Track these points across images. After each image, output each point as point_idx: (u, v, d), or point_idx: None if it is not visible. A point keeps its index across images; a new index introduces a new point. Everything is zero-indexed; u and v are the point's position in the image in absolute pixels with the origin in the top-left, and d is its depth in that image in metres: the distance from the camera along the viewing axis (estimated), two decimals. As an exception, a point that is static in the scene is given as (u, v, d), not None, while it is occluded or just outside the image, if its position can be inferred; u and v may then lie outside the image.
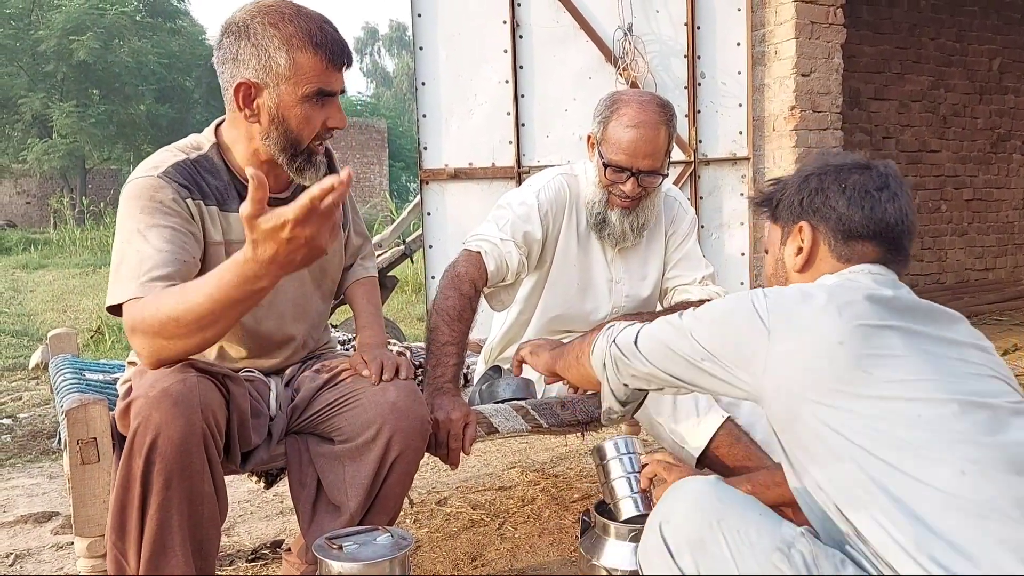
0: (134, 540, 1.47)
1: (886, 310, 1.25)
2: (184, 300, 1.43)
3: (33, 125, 20.41)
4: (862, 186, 1.41)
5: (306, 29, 1.60)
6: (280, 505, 2.83)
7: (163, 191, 1.59)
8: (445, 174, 4.34)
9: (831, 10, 4.62)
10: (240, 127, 1.70)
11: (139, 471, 1.45)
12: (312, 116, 1.66)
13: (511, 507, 2.78)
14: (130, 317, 1.49)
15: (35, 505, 2.92)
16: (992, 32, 7.56)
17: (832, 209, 1.41)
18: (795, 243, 1.46)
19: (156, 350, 1.48)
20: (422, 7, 4.30)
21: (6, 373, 5.35)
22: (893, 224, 1.40)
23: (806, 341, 1.22)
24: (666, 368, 1.41)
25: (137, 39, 20.90)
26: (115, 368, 2.39)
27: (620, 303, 2.32)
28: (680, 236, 2.38)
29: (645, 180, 2.14)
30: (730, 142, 4.74)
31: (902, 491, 1.11)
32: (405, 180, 30.33)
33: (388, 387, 1.74)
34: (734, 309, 1.33)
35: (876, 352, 1.20)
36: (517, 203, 2.21)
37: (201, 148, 1.71)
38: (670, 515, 1.23)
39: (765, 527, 1.17)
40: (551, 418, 2.03)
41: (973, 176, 7.69)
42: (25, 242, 15.67)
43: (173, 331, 1.44)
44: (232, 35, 1.61)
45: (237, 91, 1.61)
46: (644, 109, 2.11)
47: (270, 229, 1.31)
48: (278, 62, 1.59)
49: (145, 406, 1.45)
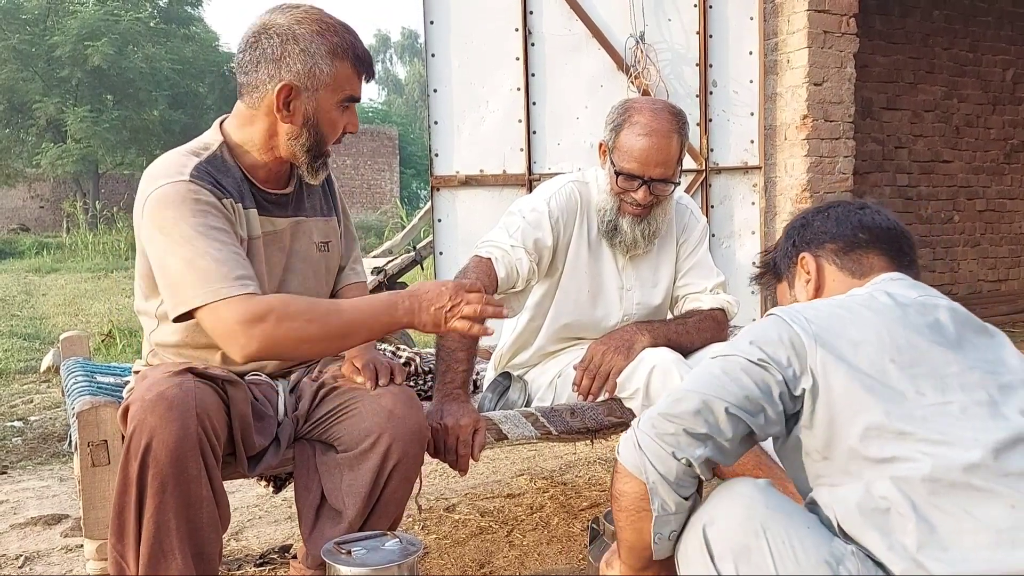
0: (132, 542, 1.49)
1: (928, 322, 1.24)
2: (335, 311, 1.59)
3: (47, 130, 20.53)
4: (843, 209, 1.48)
5: (350, 42, 1.70)
6: (288, 510, 2.83)
7: (201, 192, 1.61)
8: (456, 181, 4.35)
9: (844, 20, 4.61)
10: (261, 124, 1.72)
11: (135, 474, 1.46)
12: (338, 121, 1.74)
13: (520, 514, 2.77)
14: (258, 307, 1.52)
15: (45, 507, 2.92)
16: (1006, 43, 7.53)
17: (823, 232, 1.45)
18: (801, 279, 1.48)
19: (276, 340, 1.53)
20: (434, 14, 4.31)
21: (18, 376, 5.38)
22: (887, 228, 1.41)
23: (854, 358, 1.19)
24: (725, 391, 1.20)
25: (151, 45, 20.99)
26: (126, 371, 2.39)
27: (631, 310, 2.31)
28: (691, 244, 2.37)
29: (657, 188, 2.14)
30: (742, 151, 4.73)
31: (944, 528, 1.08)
32: (416, 187, 30.39)
33: (385, 395, 1.74)
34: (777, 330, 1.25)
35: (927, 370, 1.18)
36: (528, 210, 2.21)
37: (210, 148, 1.72)
38: (715, 517, 1.20)
39: (812, 540, 1.13)
40: (560, 425, 2.02)
41: (986, 187, 7.66)
42: (38, 246, 15.78)
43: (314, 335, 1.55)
44: (277, 38, 1.66)
45: (280, 92, 1.66)
46: (657, 117, 2.11)
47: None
48: (323, 69, 1.67)
49: (141, 410, 1.46)
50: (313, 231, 1.87)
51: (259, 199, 1.76)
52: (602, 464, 3.33)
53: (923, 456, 1.11)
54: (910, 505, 1.10)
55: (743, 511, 1.17)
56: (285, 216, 1.80)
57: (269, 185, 1.79)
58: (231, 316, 1.52)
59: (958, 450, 1.10)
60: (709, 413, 1.19)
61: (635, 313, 2.32)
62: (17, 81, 19.62)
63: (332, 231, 1.94)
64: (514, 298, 2.23)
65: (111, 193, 21.54)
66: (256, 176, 1.76)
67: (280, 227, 1.78)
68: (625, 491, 1.25)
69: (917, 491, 1.10)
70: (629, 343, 2.10)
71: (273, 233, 1.77)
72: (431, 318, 1.61)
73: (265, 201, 1.77)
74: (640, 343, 2.10)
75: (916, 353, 1.19)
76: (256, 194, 1.75)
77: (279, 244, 1.79)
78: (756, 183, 4.76)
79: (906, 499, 1.10)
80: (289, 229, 1.81)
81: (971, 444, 1.11)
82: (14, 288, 10.66)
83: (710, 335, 2.23)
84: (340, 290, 2.06)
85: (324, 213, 1.92)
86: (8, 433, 3.95)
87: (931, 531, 1.08)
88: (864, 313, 1.24)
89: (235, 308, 1.52)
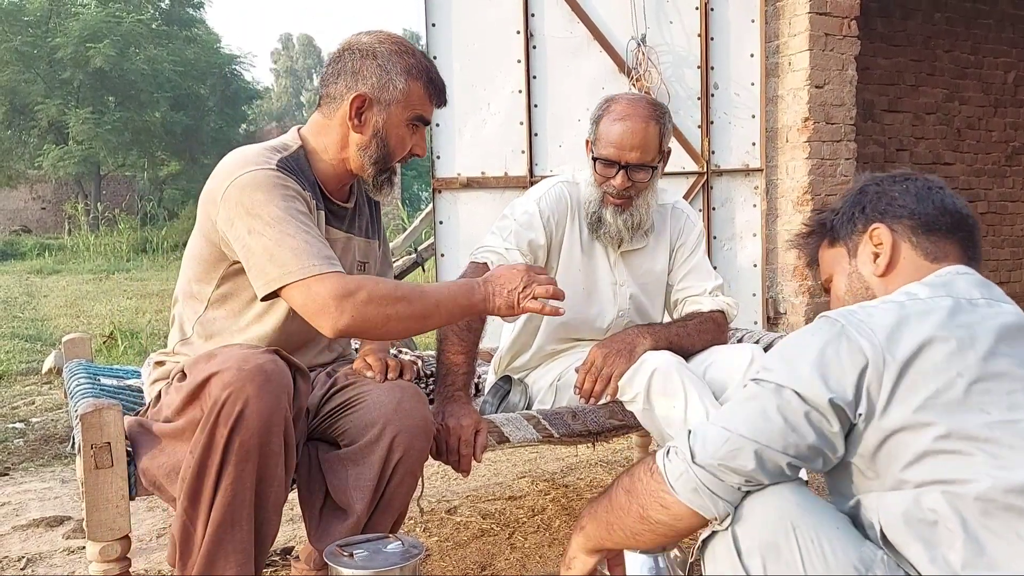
0: (205, 507, 1.52)
1: (997, 332, 1.16)
2: (419, 294, 1.63)
3: (49, 131, 20.55)
4: (921, 185, 1.37)
5: (424, 65, 1.80)
6: (290, 512, 2.83)
7: (288, 181, 1.67)
8: (457, 183, 4.35)
9: (845, 22, 4.61)
10: (334, 135, 1.80)
11: (223, 440, 1.49)
12: (406, 139, 1.82)
13: (521, 517, 2.77)
14: (350, 284, 1.57)
15: (47, 509, 2.93)
16: (1007, 45, 7.53)
17: (902, 206, 1.34)
18: (868, 250, 1.37)
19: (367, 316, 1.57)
20: (436, 17, 4.32)
21: (19, 378, 5.39)
22: (965, 215, 1.33)
23: (918, 376, 1.12)
24: (787, 442, 1.16)
25: (153, 47, 21.02)
26: (129, 374, 2.40)
27: (624, 305, 2.33)
28: (689, 247, 2.38)
29: (634, 174, 2.16)
30: (743, 153, 4.73)
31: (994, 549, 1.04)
32: (417, 189, 30.41)
33: (391, 389, 1.77)
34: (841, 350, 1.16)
35: (993, 386, 1.12)
36: (519, 212, 2.24)
37: (289, 148, 1.78)
38: (744, 514, 1.18)
39: (842, 542, 1.11)
40: (562, 428, 2.02)
41: (987, 189, 7.65)
42: (39, 247, 15.80)
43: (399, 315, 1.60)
44: (357, 53, 1.77)
45: (354, 101, 1.74)
46: (633, 104, 2.17)
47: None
48: (396, 85, 1.76)
49: (238, 377, 1.50)
50: (356, 249, 1.93)
51: (325, 207, 1.82)
52: (604, 467, 3.33)
53: (980, 476, 1.07)
54: (960, 521, 1.06)
55: (774, 509, 1.15)
56: (340, 229, 1.87)
57: (335, 196, 1.86)
58: (325, 291, 1.56)
59: (1017, 472, 1.06)
60: (769, 464, 1.17)
61: (629, 309, 2.33)
62: (19, 83, 19.65)
63: (372, 253, 2.00)
64: None
65: (112, 195, 21.57)
66: (327, 186, 1.83)
67: (332, 237, 1.82)
68: (666, 522, 1.24)
69: (969, 508, 1.06)
70: (631, 346, 2.11)
71: (328, 241, 1.80)
72: (505, 300, 1.68)
73: (329, 211, 1.83)
74: (642, 346, 2.10)
75: (983, 367, 1.13)
76: (323, 201, 1.81)
77: None
78: (757, 185, 4.77)
79: (956, 515, 1.07)
80: (340, 243, 1.86)
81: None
82: (16, 289, 10.67)
83: (711, 337, 2.23)
84: None
85: (368, 235, 1.98)
86: (10, 435, 3.95)
87: (980, 551, 1.04)
88: (929, 321, 1.16)
89: (329, 283, 1.57)
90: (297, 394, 1.62)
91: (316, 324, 1.60)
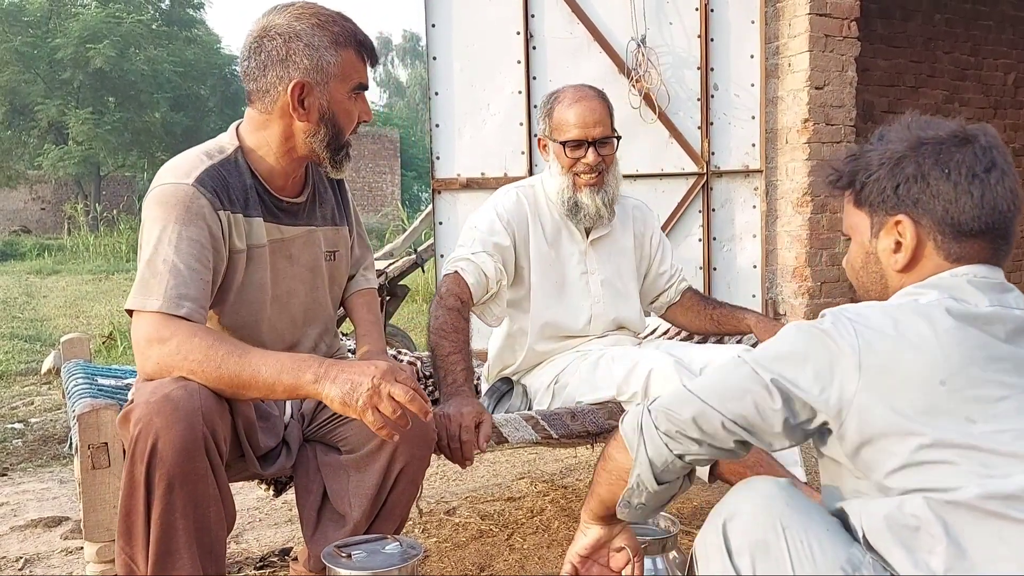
0: (141, 544, 1.48)
1: (995, 338, 1.14)
2: (239, 357, 1.50)
3: (49, 132, 20.55)
4: (968, 168, 1.23)
5: (350, 30, 1.70)
6: (289, 513, 2.83)
7: (198, 200, 1.60)
8: (457, 184, 4.35)
9: (845, 23, 4.61)
10: (275, 127, 1.71)
11: (142, 476, 1.46)
12: (352, 111, 1.74)
13: (520, 518, 2.77)
14: (166, 330, 1.51)
15: (45, 510, 2.92)
16: (1007, 47, 7.53)
17: (936, 200, 1.23)
18: (890, 238, 1.28)
19: (168, 367, 1.51)
20: (436, 17, 4.32)
21: (18, 378, 5.39)
22: (1005, 210, 1.23)
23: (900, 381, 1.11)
24: (724, 407, 1.20)
25: (153, 47, 21.02)
26: (127, 374, 2.40)
27: (597, 293, 2.37)
28: (652, 231, 2.55)
29: (601, 148, 2.27)
30: (743, 154, 4.73)
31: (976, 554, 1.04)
32: (417, 190, 30.40)
33: None
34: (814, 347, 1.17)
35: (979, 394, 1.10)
36: (479, 220, 2.31)
37: (225, 151, 1.72)
38: (735, 513, 1.18)
39: (831, 542, 1.11)
40: (561, 429, 2.02)
41: (987, 191, 7.65)
42: (39, 248, 15.79)
43: (211, 374, 1.49)
44: (279, 38, 1.66)
45: (293, 91, 1.65)
46: (578, 89, 2.31)
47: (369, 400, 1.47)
48: (328, 61, 1.66)
49: (146, 412, 1.46)
50: (322, 240, 1.86)
51: (269, 206, 1.75)
52: (603, 467, 3.32)
53: (964, 483, 1.06)
54: (942, 527, 1.06)
55: (763, 508, 1.15)
56: (295, 225, 1.79)
57: (284, 193, 1.78)
58: (140, 331, 1.54)
59: (998, 481, 1.05)
60: (705, 422, 1.21)
61: (603, 295, 2.38)
62: (19, 83, 19.65)
63: (342, 240, 1.93)
64: (493, 303, 2.27)
65: (112, 195, 21.57)
66: (272, 183, 1.75)
67: (288, 236, 1.77)
68: (614, 457, 1.33)
69: (951, 514, 1.06)
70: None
71: (280, 241, 1.76)
72: (341, 391, 1.46)
73: (276, 208, 1.76)
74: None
75: (970, 376, 1.10)
76: (268, 201, 1.75)
77: (286, 252, 1.78)
78: (757, 187, 4.76)
79: (939, 520, 1.06)
80: (299, 238, 1.80)
81: (1015, 474, 1.06)
82: (15, 290, 10.67)
83: None
84: (349, 297, 2.05)
85: (335, 222, 1.91)
86: (8, 435, 3.95)
87: (961, 555, 1.04)
88: (920, 330, 1.13)
89: (147, 323, 1.53)
90: (234, 405, 1.58)
91: (135, 359, 1.58)
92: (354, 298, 2.05)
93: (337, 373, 1.48)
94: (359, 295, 2.05)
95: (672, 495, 1.34)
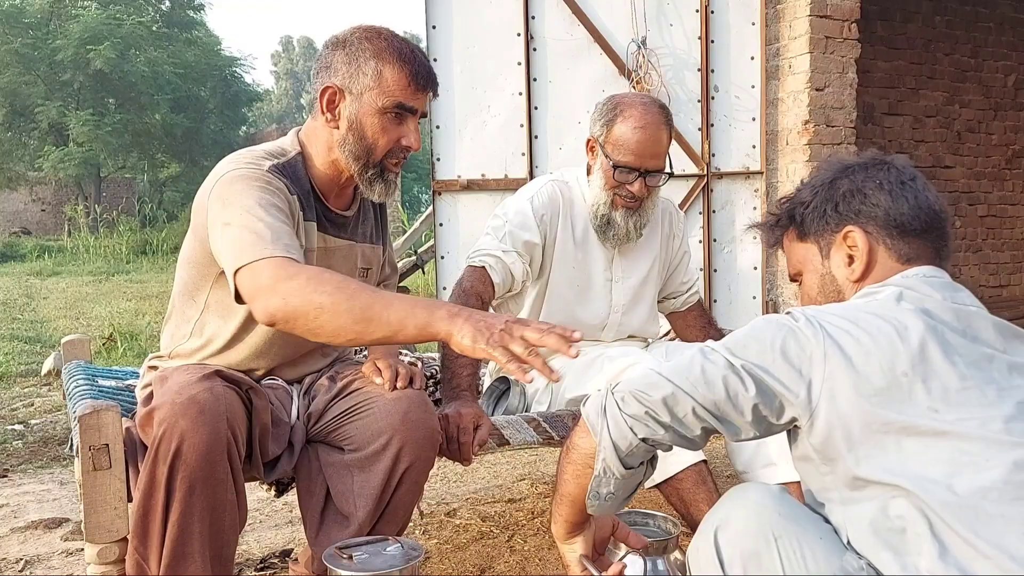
0: (156, 545, 1.49)
1: (952, 331, 1.16)
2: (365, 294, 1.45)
3: (49, 133, 20.54)
4: (896, 178, 1.31)
5: (397, 47, 1.68)
6: (289, 514, 2.83)
7: (276, 180, 1.63)
8: (458, 185, 4.35)
9: (845, 25, 4.61)
10: (321, 135, 1.73)
11: (163, 478, 1.46)
12: (388, 129, 1.70)
13: (521, 519, 2.77)
14: (291, 269, 1.48)
15: (45, 511, 2.92)
16: (1007, 48, 7.53)
17: (876, 206, 1.30)
18: (842, 252, 1.34)
19: (299, 301, 1.44)
20: (437, 19, 4.32)
21: (18, 379, 5.38)
22: (939, 211, 1.31)
23: (864, 371, 1.12)
24: (696, 391, 1.18)
25: (153, 49, 21.01)
26: (128, 375, 2.39)
27: (620, 301, 2.36)
28: (679, 237, 2.49)
29: (651, 180, 2.20)
30: (743, 156, 4.73)
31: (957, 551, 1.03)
32: (417, 191, 30.38)
33: (400, 397, 1.73)
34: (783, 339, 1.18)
35: (941, 384, 1.11)
36: (513, 212, 2.25)
37: (287, 154, 1.73)
38: (727, 522, 1.18)
39: (824, 551, 1.11)
40: (563, 430, 2.02)
41: (987, 192, 7.65)
42: (39, 249, 15.78)
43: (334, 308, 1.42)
44: (331, 47, 1.70)
45: (323, 94, 1.67)
46: (648, 111, 2.17)
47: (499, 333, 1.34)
48: (365, 72, 1.66)
49: (171, 413, 1.46)
50: (359, 256, 1.89)
51: (321, 215, 1.77)
52: (603, 469, 3.32)
53: (936, 475, 1.07)
54: (927, 524, 1.05)
55: (755, 517, 1.15)
56: (340, 237, 1.82)
57: (335, 204, 1.80)
58: (266, 272, 1.49)
59: (972, 470, 1.06)
60: (676, 405, 1.19)
61: (624, 302, 2.36)
62: (19, 84, 19.63)
63: (376, 259, 1.96)
64: (511, 302, 2.28)
65: (112, 197, 21.56)
66: (325, 194, 1.77)
67: (332, 246, 1.79)
68: (579, 445, 1.29)
69: (933, 511, 1.05)
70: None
71: (324, 250, 1.78)
72: (472, 328, 1.35)
73: (326, 219, 1.78)
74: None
75: (931, 367, 1.12)
76: (319, 210, 1.76)
77: (327, 262, 1.78)
78: (758, 188, 4.76)
79: (923, 518, 1.06)
80: (340, 251, 1.82)
81: (984, 465, 1.06)
82: (15, 291, 10.66)
83: None
84: None
85: (373, 240, 1.94)
86: (9, 436, 3.94)
87: (944, 553, 1.04)
88: (880, 324, 1.16)
89: (272, 266, 1.50)
90: (254, 411, 1.59)
91: (252, 309, 1.52)
92: None
93: (471, 314, 1.40)
94: None
95: (638, 482, 1.31)
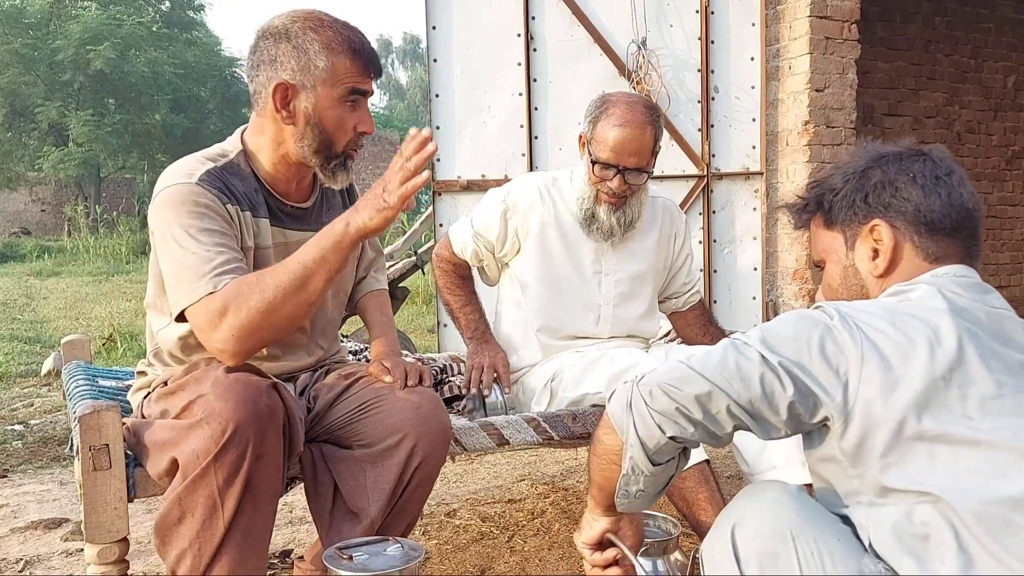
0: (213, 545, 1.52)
1: (987, 334, 1.14)
2: (282, 268, 1.53)
3: (49, 133, 20.57)
4: (931, 172, 1.26)
5: (344, 35, 1.66)
6: (289, 515, 2.83)
7: (204, 196, 1.61)
8: (458, 186, 4.35)
9: (845, 26, 4.61)
10: (269, 131, 1.71)
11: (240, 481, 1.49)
12: (345, 119, 1.69)
13: (521, 520, 2.77)
14: (216, 303, 1.51)
15: (45, 511, 2.92)
16: (1007, 49, 7.53)
17: (907, 201, 1.25)
18: (867, 246, 1.30)
19: (241, 329, 1.50)
20: (437, 20, 4.31)
21: (18, 379, 5.38)
22: (972, 209, 1.26)
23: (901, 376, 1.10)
24: (731, 388, 1.15)
25: (153, 49, 21.05)
26: (128, 375, 2.40)
27: (610, 293, 2.36)
28: (681, 239, 2.49)
29: (631, 178, 2.21)
30: (743, 156, 4.73)
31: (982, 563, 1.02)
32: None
33: (412, 394, 1.74)
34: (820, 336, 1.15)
35: (978, 392, 1.09)
36: (488, 199, 2.40)
37: (227, 155, 1.72)
38: (744, 520, 1.16)
39: (841, 553, 1.09)
40: (562, 430, 2.02)
41: (987, 193, 7.65)
42: (39, 249, 15.79)
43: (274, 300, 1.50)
44: (271, 38, 1.65)
45: (275, 92, 1.64)
46: (631, 109, 2.19)
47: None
48: (317, 64, 1.63)
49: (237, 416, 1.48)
50: None
51: (274, 210, 1.75)
52: (603, 470, 3.31)
53: (967, 485, 1.05)
54: (952, 533, 1.04)
55: (772, 516, 1.13)
56: (299, 230, 1.79)
57: (289, 197, 1.78)
58: (201, 320, 1.53)
59: (1002, 481, 1.04)
60: (710, 402, 1.16)
61: (615, 297, 2.36)
62: (19, 85, 19.66)
63: None
64: (485, 269, 2.46)
65: (112, 197, 21.58)
66: (276, 187, 1.76)
67: (293, 240, 1.76)
68: (604, 441, 1.27)
69: (960, 520, 1.04)
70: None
71: (284, 245, 1.76)
72: (368, 208, 1.51)
73: (281, 212, 1.77)
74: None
75: (967, 372, 1.10)
76: (272, 204, 1.75)
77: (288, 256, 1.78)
78: (758, 189, 4.76)
79: (949, 527, 1.04)
80: (302, 243, 1.78)
81: (1016, 477, 1.04)
82: (15, 291, 10.66)
83: None
84: (361, 299, 2.07)
85: None
86: (9, 437, 3.94)
87: (969, 563, 1.02)
88: (916, 325, 1.13)
89: (201, 310, 1.52)
90: (286, 404, 1.60)
91: (214, 353, 1.58)
92: (366, 299, 2.07)
93: (355, 207, 1.54)
94: (371, 296, 2.07)
95: (671, 476, 1.28)
